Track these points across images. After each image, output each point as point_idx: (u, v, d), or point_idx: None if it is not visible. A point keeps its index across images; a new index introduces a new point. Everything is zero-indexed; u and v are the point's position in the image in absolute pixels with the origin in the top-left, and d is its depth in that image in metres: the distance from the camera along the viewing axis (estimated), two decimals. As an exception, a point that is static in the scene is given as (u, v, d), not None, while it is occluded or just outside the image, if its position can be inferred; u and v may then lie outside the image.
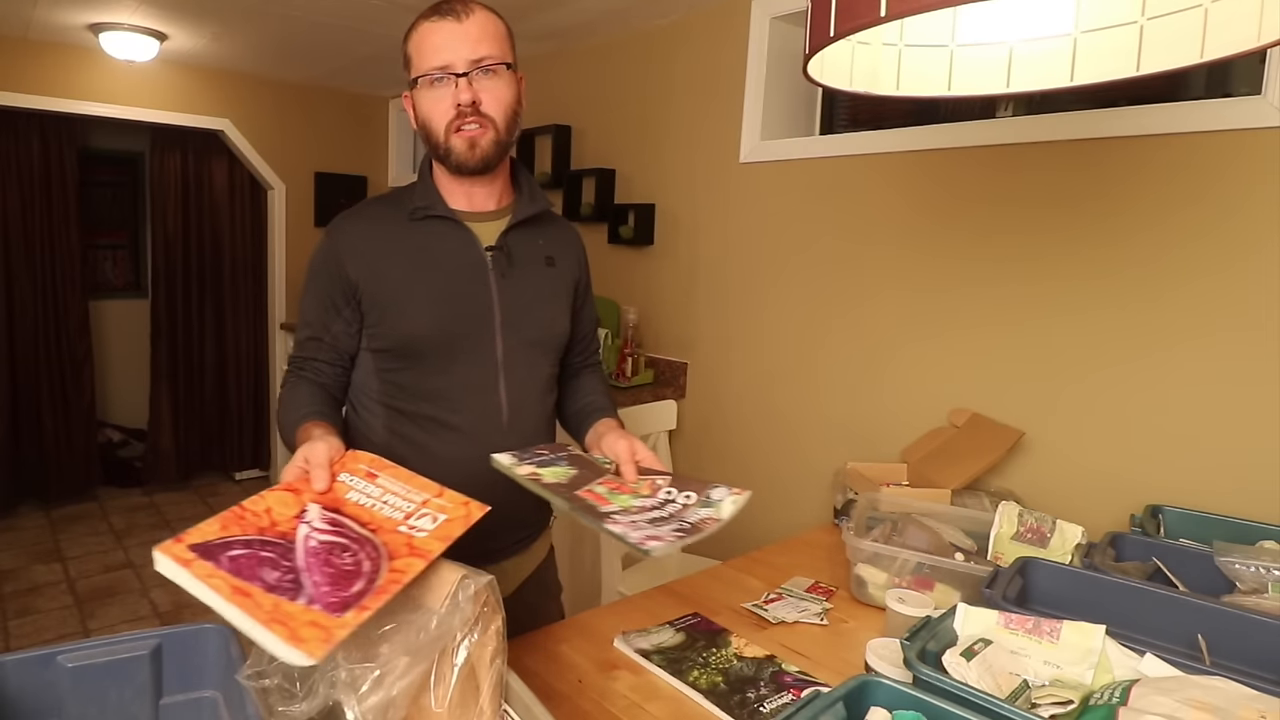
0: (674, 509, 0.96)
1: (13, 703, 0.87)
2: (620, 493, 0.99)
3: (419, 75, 1.10)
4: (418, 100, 1.12)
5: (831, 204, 2.18)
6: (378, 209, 1.19)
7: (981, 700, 0.78)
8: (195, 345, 4.43)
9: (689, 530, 0.89)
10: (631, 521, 0.90)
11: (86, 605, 3.03)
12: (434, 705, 0.77)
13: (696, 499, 0.98)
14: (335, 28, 2.97)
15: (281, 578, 0.75)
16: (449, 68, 1.08)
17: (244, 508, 0.84)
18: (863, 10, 0.65)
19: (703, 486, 1.00)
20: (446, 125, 1.09)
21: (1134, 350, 1.62)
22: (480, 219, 1.18)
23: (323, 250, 1.17)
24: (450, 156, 1.11)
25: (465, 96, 1.08)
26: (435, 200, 1.15)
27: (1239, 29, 0.73)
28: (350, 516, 0.86)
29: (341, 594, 0.74)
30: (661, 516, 0.93)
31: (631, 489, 1.00)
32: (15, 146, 3.85)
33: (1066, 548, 1.31)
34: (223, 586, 0.73)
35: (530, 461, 1.04)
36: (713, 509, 0.95)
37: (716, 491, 0.99)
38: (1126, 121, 1.61)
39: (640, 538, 0.86)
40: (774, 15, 2.29)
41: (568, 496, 0.95)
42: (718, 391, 2.54)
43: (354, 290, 1.13)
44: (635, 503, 0.96)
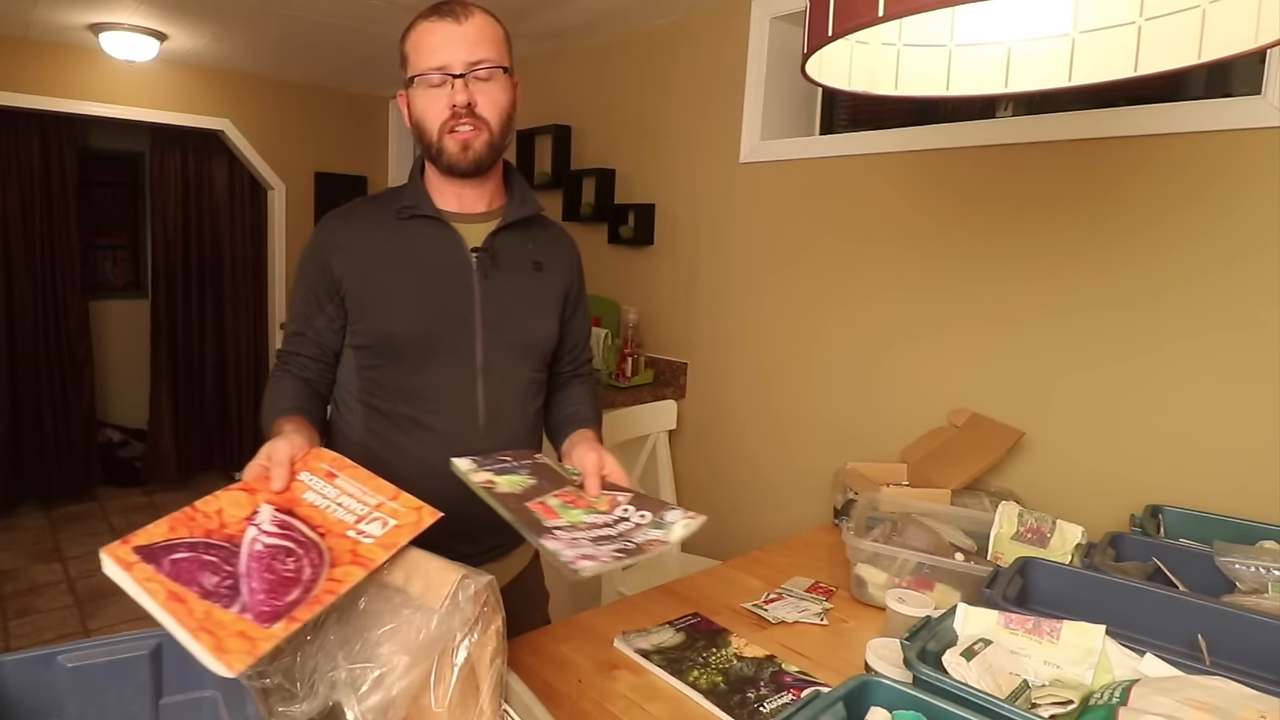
0: (625, 528, 0.95)
1: (13, 703, 0.87)
2: (574, 507, 0.97)
3: (415, 75, 1.10)
4: (413, 99, 1.12)
5: (831, 204, 2.18)
6: (367, 208, 1.20)
7: (981, 700, 0.78)
8: (195, 345, 4.43)
9: (631, 550, 0.88)
10: (571, 539, 0.88)
11: (86, 605, 3.03)
12: (434, 705, 0.77)
13: (650, 519, 0.97)
14: (335, 28, 2.97)
15: (220, 583, 0.75)
16: (446, 69, 1.08)
17: (195, 508, 0.84)
18: (861, 10, 0.65)
19: (660, 508, 1.00)
20: (440, 126, 1.10)
21: (1134, 350, 1.62)
22: (468, 220, 1.18)
23: (310, 246, 1.18)
24: (442, 157, 1.11)
25: (461, 98, 1.08)
26: (423, 200, 1.16)
27: (1237, 29, 0.73)
28: (303, 519, 0.86)
29: (275, 603, 0.74)
30: (608, 535, 0.92)
31: (588, 503, 0.99)
32: (15, 146, 3.85)
33: (1066, 548, 1.31)
34: (159, 591, 0.73)
35: (489, 468, 1.02)
36: (662, 530, 0.95)
37: (671, 514, 0.98)
38: (1126, 121, 1.61)
39: (573, 556, 0.84)
40: (774, 15, 2.29)
41: (514, 508, 0.93)
42: (718, 391, 2.54)
43: (338, 286, 1.14)
44: (586, 518, 0.95)
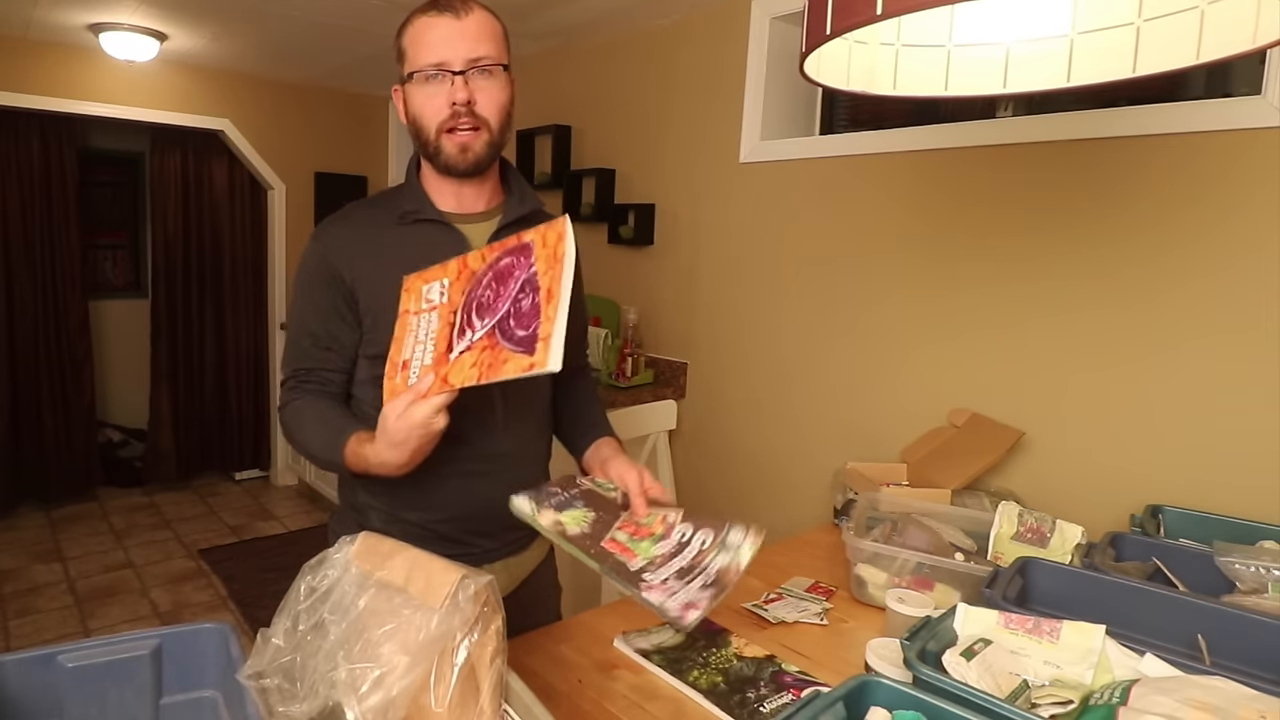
0: (692, 554, 0.96)
1: (13, 703, 0.87)
2: (639, 539, 0.99)
3: (414, 70, 1.08)
4: (410, 96, 1.11)
5: (831, 204, 2.18)
6: (364, 213, 1.17)
7: (981, 700, 0.78)
8: (195, 345, 4.43)
9: (715, 585, 0.91)
10: (664, 584, 0.91)
11: (86, 605, 3.03)
12: (434, 705, 0.77)
13: (713, 541, 0.98)
14: (335, 28, 2.98)
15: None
16: (445, 65, 1.06)
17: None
18: (859, 8, 0.65)
19: (718, 526, 1.00)
20: (439, 124, 1.08)
21: (1134, 350, 1.62)
22: (470, 220, 1.16)
23: (313, 257, 1.13)
24: (439, 157, 1.10)
25: (461, 95, 1.06)
26: (424, 203, 1.14)
27: (1235, 30, 0.73)
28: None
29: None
30: (684, 566, 0.93)
31: (648, 530, 1.01)
32: (15, 146, 3.85)
33: (1066, 548, 1.31)
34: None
35: (549, 505, 1.03)
36: (731, 555, 0.96)
37: (734, 535, 0.98)
38: (1126, 122, 1.61)
39: (677, 607, 0.87)
40: (774, 15, 2.29)
41: (595, 554, 0.96)
42: (718, 391, 2.54)
43: (352, 295, 1.11)
44: (655, 550, 0.97)
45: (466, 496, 1.15)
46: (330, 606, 0.82)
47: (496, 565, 1.20)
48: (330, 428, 1.07)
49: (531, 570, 1.30)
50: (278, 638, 0.82)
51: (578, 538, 0.98)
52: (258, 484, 4.53)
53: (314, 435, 1.09)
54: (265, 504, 4.21)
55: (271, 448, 4.54)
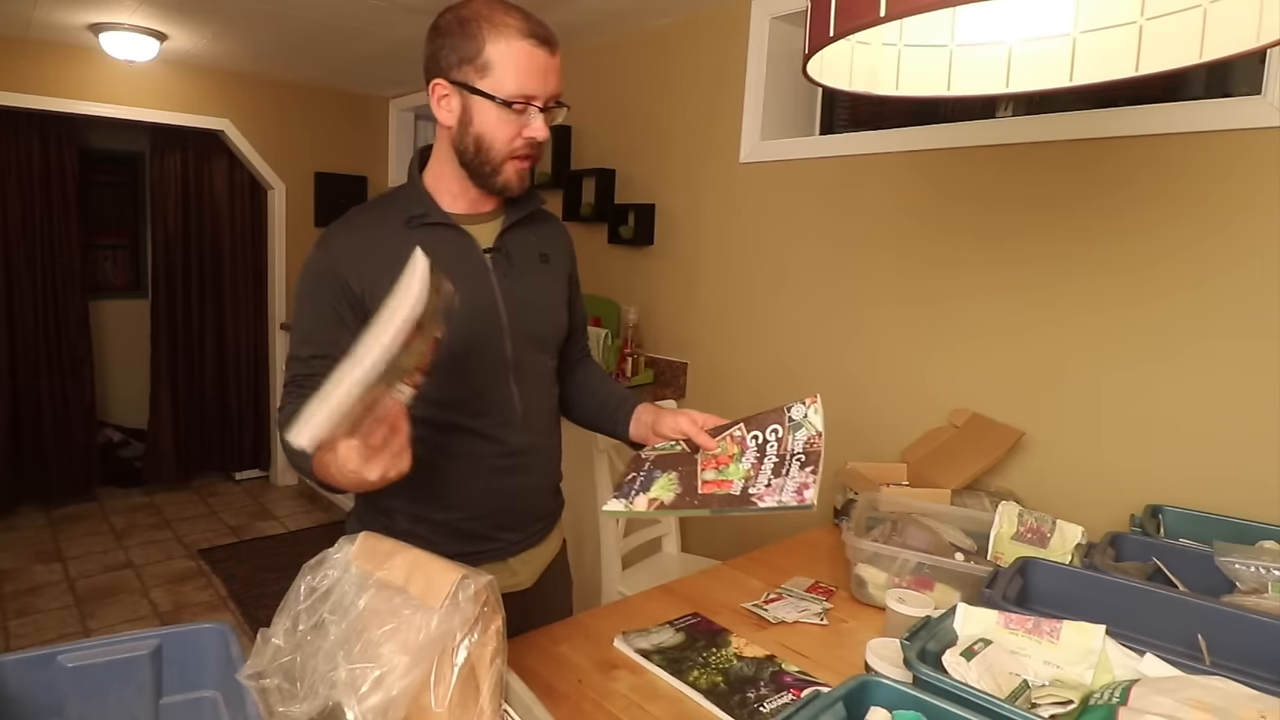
0: (774, 450, 0.99)
1: (13, 703, 0.87)
2: (725, 466, 1.01)
3: (503, 96, 1.03)
4: (479, 110, 1.05)
5: (832, 204, 2.18)
6: (370, 217, 1.15)
7: (981, 700, 0.78)
8: (195, 345, 4.43)
9: (810, 460, 0.95)
10: (769, 487, 0.94)
11: (86, 605, 3.03)
12: (434, 705, 0.77)
13: (784, 428, 1.01)
14: (335, 28, 2.97)
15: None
16: (535, 100, 1.05)
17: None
18: (862, 10, 0.65)
19: (779, 414, 1.03)
20: (509, 152, 1.07)
21: (1134, 350, 1.62)
22: (477, 221, 1.16)
23: (318, 264, 1.11)
24: (497, 179, 1.09)
25: (543, 134, 1.06)
26: (430, 206, 1.13)
27: (1238, 29, 0.73)
28: None
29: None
30: (776, 462, 0.97)
31: (728, 456, 1.03)
32: (15, 146, 3.85)
33: (1066, 548, 1.31)
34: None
35: (637, 493, 1.04)
36: (805, 428, 0.99)
37: (796, 411, 1.02)
38: (1127, 121, 1.61)
39: (794, 497, 0.90)
40: (774, 15, 2.29)
41: (701, 504, 0.97)
42: (718, 391, 2.54)
43: (360, 303, 1.09)
44: (746, 466, 0.99)
45: (495, 492, 1.17)
46: (330, 606, 0.82)
47: (521, 558, 1.22)
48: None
49: (551, 560, 1.31)
50: (278, 638, 0.81)
51: (676, 501, 1.00)
52: (258, 484, 4.53)
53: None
54: (265, 504, 4.21)
55: (271, 448, 4.54)
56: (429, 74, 1.09)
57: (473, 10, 1.05)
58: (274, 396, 4.44)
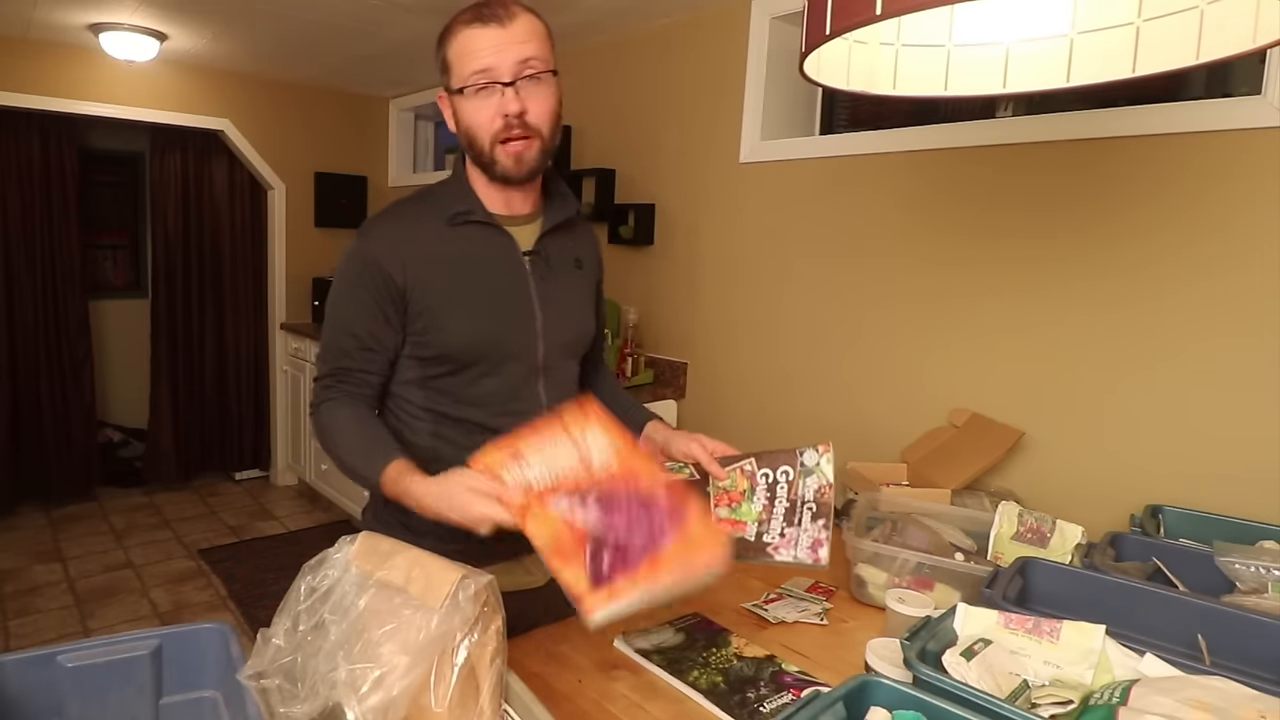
0: (786, 492, 1.01)
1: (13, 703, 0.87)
2: (736, 504, 1.02)
3: (463, 83, 1.05)
4: (460, 108, 1.08)
5: (832, 204, 2.18)
6: (412, 211, 1.15)
7: (981, 700, 0.78)
8: (195, 345, 4.43)
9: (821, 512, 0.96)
10: (783, 536, 0.97)
11: (86, 605, 3.03)
12: (434, 705, 0.77)
13: (795, 471, 1.03)
14: (335, 28, 2.98)
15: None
16: (494, 75, 1.04)
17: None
18: (859, 8, 0.65)
19: (791, 457, 1.04)
20: (493, 136, 1.07)
21: (1134, 350, 1.62)
22: (517, 223, 1.17)
23: (360, 256, 1.11)
24: (495, 167, 1.09)
25: (514, 107, 1.04)
26: (475, 205, 1.13)
27: (1235, 30, 0.73)
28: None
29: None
30: (788, 507, 0.98)
31: (739, 493, 1.04)
32: (15, 146, 3.85)
33: (1066, 548, 1.31)
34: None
35: None
36: (816, 476, 1.01)
37: (808, 456, 1.03)
38: (1126, 121, 1.61)
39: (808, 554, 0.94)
40: (774, 15, 2.29)
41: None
42: (718, 391, 2.54)
43: (402, 297, 1.09)
44: (757, 507, 1.01)
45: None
46: (330, 606, 0.82)
47: (535, 557, 1.21)
48: (372, 444, 1.06)
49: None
50: (278, 638, 0.82)
51: None
52: (258, 484, 4.53)
53: (351, 444, 1.08)
54: (265, 504, 4.21)
55: (271, 448, 4.54)
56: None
57: (444, 26, 1.10)
58: (274, 396, 4.44)
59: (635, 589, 0.79)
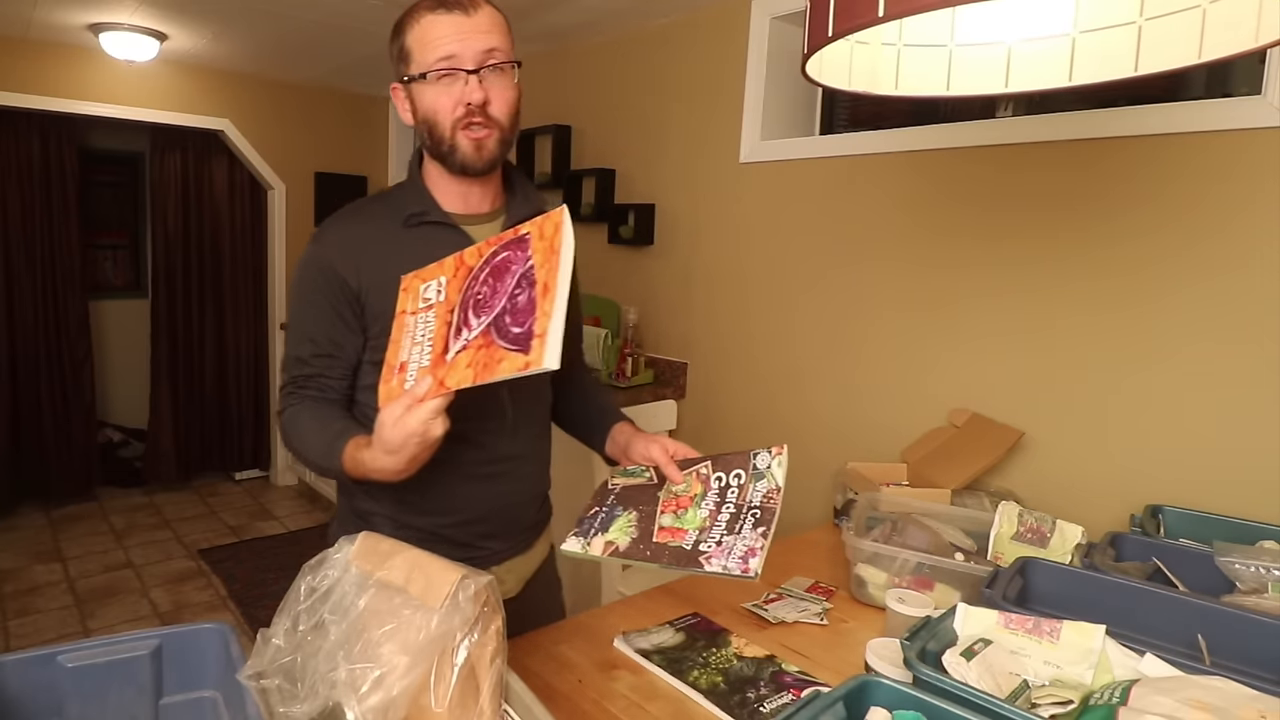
0: (734, 496, 0.99)
1: (13, 703, 0.87)
2: (684, 510, 1.01)
3: (424, 70, 1.03)
4: (418, 95, 1.06)
5: (832, 204, 2.18)
6: (367, 214, 1.13)
7: (981, 700, 0.78)
8: (195, 345, 4.43)
9: (764, 519, 0.93)
10: (719, 545, 0.93)
11: (86, 605, 3.03)
12: (434, 705, 0.77)
13: (747, 474, 1.01)
14: (335, 28, 2.98)
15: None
16: (458, 62, 1.02)
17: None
18: (861, 9, 0.65)
19: (743, 460, 1.03)
20: (453, 123, 1.05)
21: (1134, 350, 1.62)
22: (475, 221, 1.14)
23: (315, 261, 1.09)
24: (455, 155, 1.07)
25: (477, 96, 1.03)
26: (430, 205, 1.11)
27: (1237, 29, 0.73)
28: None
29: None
30: (731, 514, 0.96)
31: (689, 497, 1.02)
32: (15, 146, 3.85)
33: (1066, 548, 1.31)
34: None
35: (594, 533, 1.04)
36: (766, 479, 0.98)
37: (760, 459, 1.01)
38: (1127, 121, 1.61)
39: (739, 564, 0.89)
40: (774, 15, 2.29)
41: (652, 557, 0.97)
42: (717, 391, 2.54)
43: (358, 300, 1.08)
44: (703, 514, 0.99)
45: (477, 500, 1.15)
46: (330, 606, 0.82)
47: (504, 566, 1.20)
48: (327, 432, 1.04)
49: (537, 568, 1.30)
50: (278, 638, 0.82)
51: (630, 548, 0.99)
52: (258, 484, 4.53)
53: (311, 440, 1.06)
54: (265, 504, 4.21)
55: (271, 448, 4.54)
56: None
57: (402, 15, 1.08)
58: (274, 397, 4.43)
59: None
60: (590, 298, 2.93)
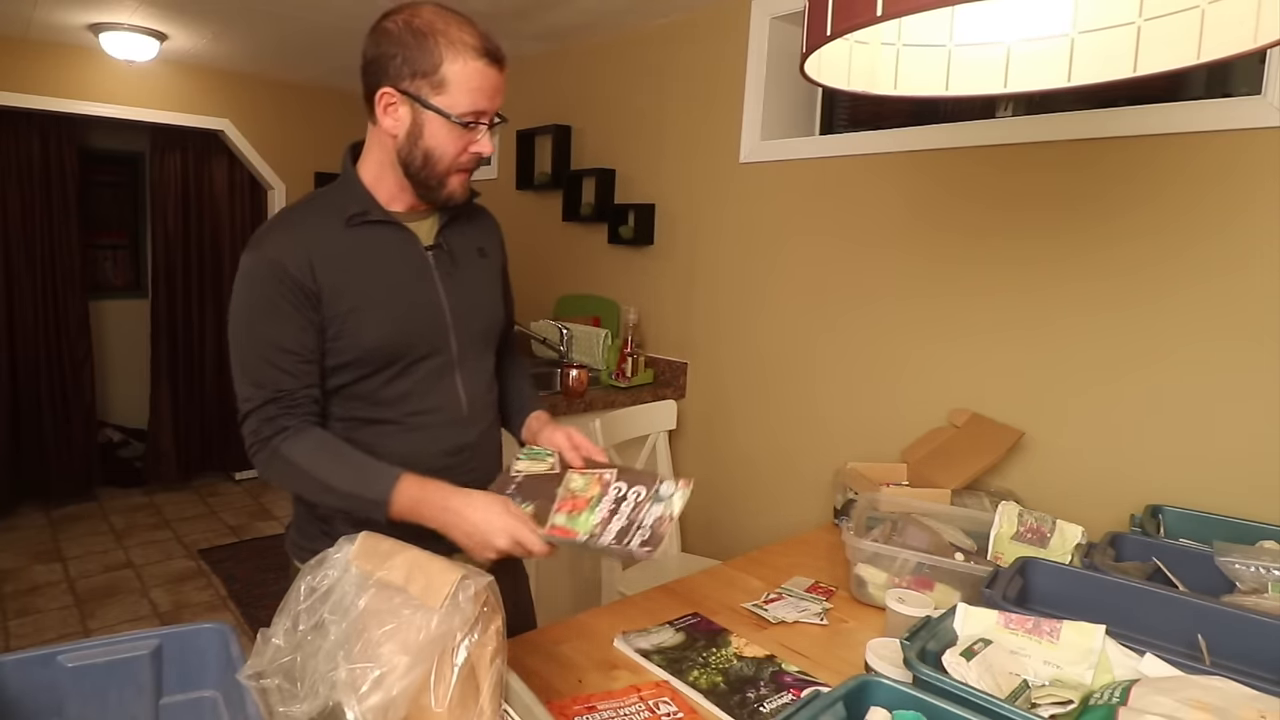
0: (629, 510, 1.00)
1: (13, 703, 0.87)
2: (578, 513, 1.02)
3: (456, 114, 1.04)
4: (430, 124, 1.05)
5: (831, 204, 2.18)
6: (305, 217, 1.11)
7: (981, 700, 0.78)
8: (195, 345, 4.43)
9: (652, 539, 0.96)
10: (605, 549, 0.98)
11: (86, 605, 3.03)
12: (434, 705, 0.77)
13: (647, 494, 1.02)
14: (335, 28, 2.98)
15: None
16: (485, 118, 1.07)
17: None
18: (860, 9, 0.65)
19: (651, 481, 1.04)
20: (454, 165, 1.08)
21: (1134, 350, 1.62)
22: (415, 218, 1.16)
23: (266, 268, 1.05)
24: (441, 190, 1.10)
25: (488, 150, 1.08)
26: (370, 204, 1.11)
27: (1236, 30, 0.73)
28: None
29: None
30: (624, 526, 0.98)
31: (585, 499, 1.04)
32: (15, 146, 3.85)
33: (1066, 548, 1.31)
34: None
35: None
36: (664, 506, 1.00)
37: (665, 487, 1.03)
38: (1126, 121, 1.61)
39: (623, 550, 0.94)
40: (774, 15, 2.29)
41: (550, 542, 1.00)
42: (718, 391, 2.54)
43: (318, 300, 1.05)
44: (595, 519, 1.00)
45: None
46: (330, 606, 0.82)
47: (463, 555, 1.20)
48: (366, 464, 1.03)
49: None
50: (278, 638, 0.82)
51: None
52: (258, 484, 4.53)
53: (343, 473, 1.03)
54: (265, 504, 4.21)
55: (271, 448, 4.54)
56: (374, 79, 1.06)
57: (426, 21, 1.03)
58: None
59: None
60: (590, 298, 2.94)
